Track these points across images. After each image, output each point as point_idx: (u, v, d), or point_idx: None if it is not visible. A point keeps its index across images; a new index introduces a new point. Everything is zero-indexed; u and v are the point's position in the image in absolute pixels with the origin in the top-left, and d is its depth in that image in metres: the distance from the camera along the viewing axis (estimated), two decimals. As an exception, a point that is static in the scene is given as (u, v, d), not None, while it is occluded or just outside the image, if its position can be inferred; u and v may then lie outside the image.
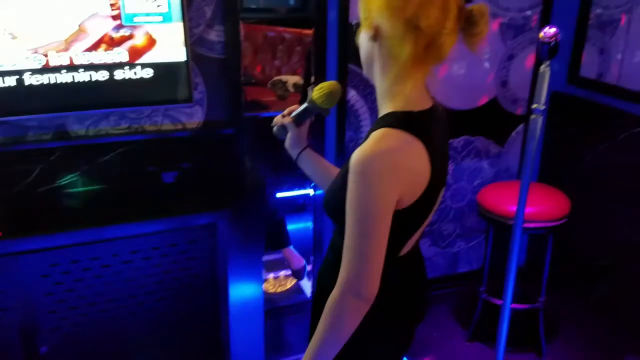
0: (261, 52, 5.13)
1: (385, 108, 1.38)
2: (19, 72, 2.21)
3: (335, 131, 2.95)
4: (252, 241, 2.76)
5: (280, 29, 4.90)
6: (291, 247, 3.75)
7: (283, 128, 1.73)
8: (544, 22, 3.19)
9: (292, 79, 4.29)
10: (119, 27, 2.29)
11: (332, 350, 1.38)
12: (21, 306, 2.28)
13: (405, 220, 1.37)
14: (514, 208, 2.29)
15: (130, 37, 2.32)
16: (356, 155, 1.27)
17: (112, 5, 2.26)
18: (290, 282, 3.70)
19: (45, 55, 2.22)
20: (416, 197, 1.34)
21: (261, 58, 5.10)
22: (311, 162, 1.73)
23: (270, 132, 1.74)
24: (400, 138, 1.29)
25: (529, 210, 2.34)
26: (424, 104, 1.38)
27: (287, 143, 1.73)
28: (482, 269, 3.15)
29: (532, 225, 2.70)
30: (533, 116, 2.13)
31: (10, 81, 2.21)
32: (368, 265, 1.30)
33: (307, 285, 3.60)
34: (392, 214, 1.30)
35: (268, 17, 5.39)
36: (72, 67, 2.27)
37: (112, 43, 2.30)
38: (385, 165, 1.26)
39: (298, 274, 3.68)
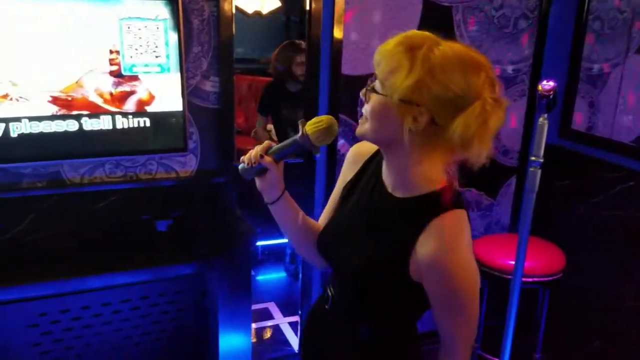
0: (245, 101, 5.18)
1: (420, 185, 1.33)
2: (16, 119, 2.20)
3: (325, 180, 2.94)
4: (241, 291, 2.72)
5: (263, 78, 4.95)
6: None
7: (252, 168, 1.43)
8: (535, 76, 3.24)
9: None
10: (116, 83, 2.31)
11: None
12: (5, 357, 2.22)
13: None
14: (509, 262, 2.27)
15: (132, 92, 2.33)
16: (445, 255, 1.27)
17: (111, 60, 2.27)
18: (269, 333, 3.67)
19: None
20: None
21: (245, 107, 5.15)
22: (288, 208, 1.53)
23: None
24: (464, 218, 1.33)
25: (526, 264, 2.32)
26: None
27: (264, 184, 1.47)
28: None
29: (529, 279, 2.67)
30: (532, 168, 2.14)
31: (6, 128, 2.20)
32: (474, 328, 1.41)
33: (293, 338, 3.54)
34: None
35: (251, 67, 5.55)
36: (65, 116, 2.27)
37: (114, 99, 2.32)
38: (470, 247, 1.33)
39: None
